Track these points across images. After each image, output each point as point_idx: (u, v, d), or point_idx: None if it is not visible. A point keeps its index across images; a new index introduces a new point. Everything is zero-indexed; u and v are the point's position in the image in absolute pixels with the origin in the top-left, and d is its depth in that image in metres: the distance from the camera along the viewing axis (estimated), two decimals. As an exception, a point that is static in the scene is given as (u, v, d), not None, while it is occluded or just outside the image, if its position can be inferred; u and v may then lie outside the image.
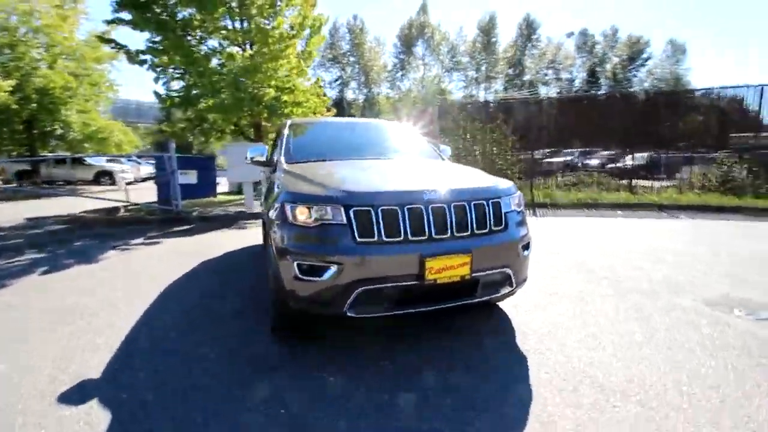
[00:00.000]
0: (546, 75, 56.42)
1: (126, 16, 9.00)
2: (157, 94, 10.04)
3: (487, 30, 53.22)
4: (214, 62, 9.89)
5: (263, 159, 3.45)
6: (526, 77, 55.55)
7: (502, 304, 3.11)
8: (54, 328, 2.93)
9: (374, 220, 2.12)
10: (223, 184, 12.88)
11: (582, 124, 12.57)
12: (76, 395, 2.09)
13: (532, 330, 2.73)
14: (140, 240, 6.29)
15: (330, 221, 2.15)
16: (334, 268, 2.07)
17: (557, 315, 2.99)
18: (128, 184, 18.88)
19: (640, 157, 11.92)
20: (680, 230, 6.45)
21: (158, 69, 9.87)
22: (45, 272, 4.44)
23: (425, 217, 2.18)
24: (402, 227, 2.14)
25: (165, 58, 9.56)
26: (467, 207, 2.29)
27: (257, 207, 9.17)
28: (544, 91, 54.24)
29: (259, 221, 8.09)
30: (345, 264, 2.07)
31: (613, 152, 13.03)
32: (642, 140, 11.58)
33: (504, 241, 2.38)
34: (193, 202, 9.69)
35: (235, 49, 10.47)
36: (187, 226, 7.50)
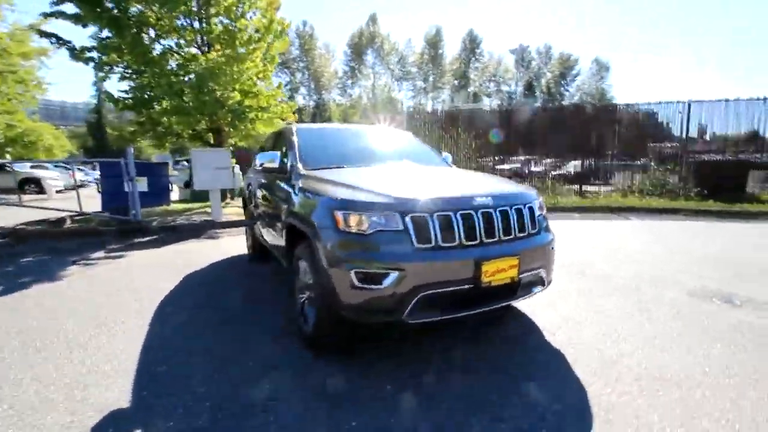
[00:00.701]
0: (488, 87, 59.75)
1: (69, 9, 8.19)
2: (108, 95, 9.20)
3: (434, 43, 55.27)
4: (172, 63, 9.29)
5: (275, 166, 3.31)
6: (471, 89, 58.41)
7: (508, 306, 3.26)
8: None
9: (431, 226, 2.15)
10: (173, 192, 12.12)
11: (525, 133, 13.56)
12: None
13: (552, 326, 2.89)
14: (101, 254, 5.72)
15: (387, 228, 2.13)
16: (395, 275, 2.06)
17: (567, 311, 3.19)
18: (58, 192, 17.02)
19: (579, 164, 13.06)
20: (634, 231, 7.13)
21: (106, 68, 9.07)
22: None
23: (476, 222, 2.25)
24: (456, 232, 2.19)
25: (114, 56, 8.82)
26: (509, 212, 2.39)
27: (225, 216, 8.73)
28: (486, 102, 57.33)
29: (233, 230, 7.74)
30: (406, 270, 2.06)
31: (553, 160, 14.09)
32: (575, 149, 12.77)
33: (541, 243, 2.51)
34: (149, 211, 8.99)
35: (193, 50, 9.93)
36: (151, 237, 6.94)
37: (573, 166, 13.34)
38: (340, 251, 2.15)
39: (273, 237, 3.56)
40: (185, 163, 16.60)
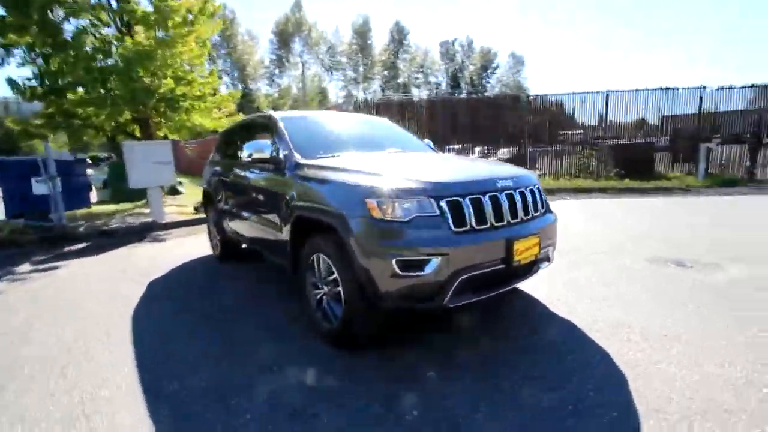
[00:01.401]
0: (417, 78, 61.16)
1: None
2: (11, 82, 7.76)
3: (362, 32, 54.98)
4: (89, 47, 8.11)
5: (266, 156, 3.06)
6: (400, 80, 59.33)
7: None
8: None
9: (465, 209, 2.16)
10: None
11: (451, 122, 14.25)
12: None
13: (547, 299, 3.10)
14: (27, 267, 4.90)
15: (424, 214, 2.10)
16: (437, 260, 2.04)
17: (552, 285, 3.43)
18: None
19: (507, 151, 14.05)
20: (573, 209, 7.85)
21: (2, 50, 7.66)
22: None
23: (502, 203, 2.31)
24: (487, 215, 2.23)
25: (14, 37, 7.48)
26: (526, 192, 2.49)
27: (168, 216, 7.95)
28: (415, 93, 58.76)
29: (181, 231, 7.07)
30: (448, 255, 2.05)
31: (484, 147, 14.94)
32: (505, 137, 13.76)
33: (551, 222, 2.67)
34: (68, 215, 7.85)
35: (111, 32, 8.78)
36: (83, 245, 6.09)
37: (503, 153, 14.25)
38: (379, 240, 2.08)
39: (262, 232, 3.32)
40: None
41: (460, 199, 2.16)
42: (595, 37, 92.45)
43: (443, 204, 2.13)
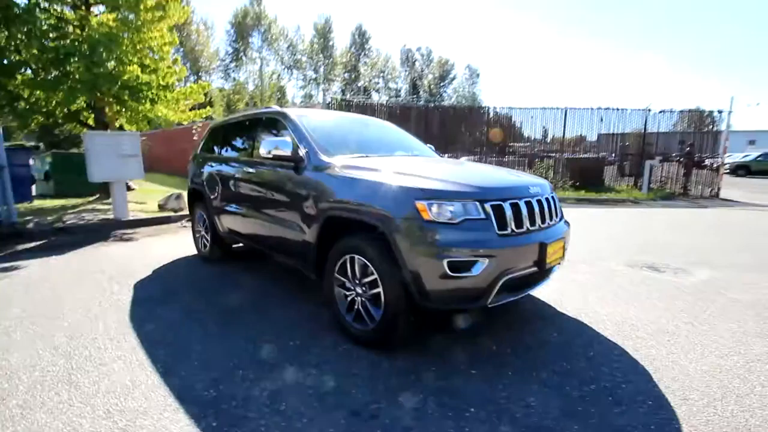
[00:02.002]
0: (377, 83, 61.68)
1: None
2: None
3: (324, 33, 54.49)
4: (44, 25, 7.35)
5: (287, 153, 2.98)
6: (361, 83, 59.48)
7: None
8: (31, 400, 1.95)
9: (507, 213, 2.27)
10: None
11: (425, 129, 14.62)
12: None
13: (553, 300, 3.31)
14: (-23, 267, 4.35)
15: (472, 217, 2.17)
16: (485, 262, 2.12)
17: (553, 286, 3.66)
18: None
19: (466, 159, 14.63)
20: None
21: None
22: None
23: (534, 208, 2.45)
24: (523, 219, 2.35)
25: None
26: (549, 199, 2.66)
27: (132, 213, 7.40)
28: (375, 97, 59.19)
29: (149, 230, 6.59)
30: (495, 257, 2.15)
31: (451, 155, 15.42)
32: (460, 145, 14.36)
33: (568, 227, 2.86)
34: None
35: (66, 10, 8.03)
36: (39, 243, 5.52)
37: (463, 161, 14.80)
38: (431, 241, 2.12)
39: (275, 232, 3.23)
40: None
41: (503, 203, 2.27)
42: (545, 53, 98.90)
43: (488, 207, 2.22)
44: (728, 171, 18.99)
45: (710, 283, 3.79)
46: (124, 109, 8.80)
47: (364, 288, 2.46)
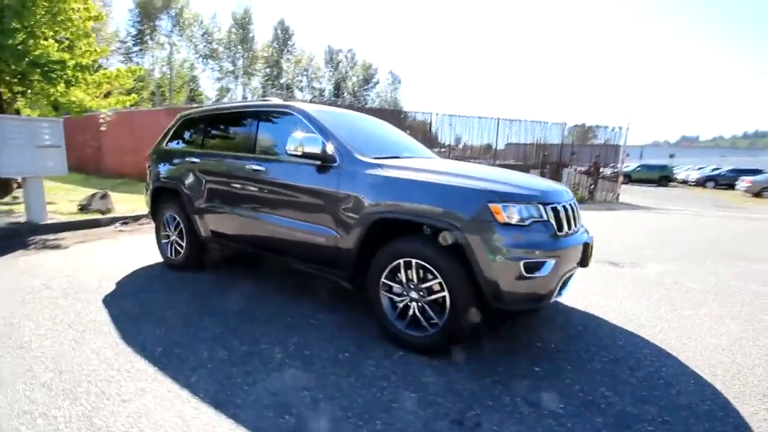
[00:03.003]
0: (301, 81, 60.13)
1: None
2: None
3: (243, 24, 51.41)
4: None
5: (316, 152, 2.75)
6: (284, 80, 57.40)
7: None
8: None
9: (561, 215, 2.39)
10: None
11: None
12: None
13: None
14: None
15: (538, 219, 2.25)
16: (552, 263, 2.21)
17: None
18: None
19: None
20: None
21: None
22: None
23: (574, 211, 2.62)
24: (566, 221, 2.49)
25: None
26: (574, 203, 2.87)
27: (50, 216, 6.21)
28: (299, 95, 57.63)
29: (77, 234, 5.58)
30: (560, 257, 2.25)
31: None
32: None
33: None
34: None
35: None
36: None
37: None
38: (507, 243, 2.15)
39: (295, 236, 2.98)
40: None
41: (558, 206, 2.39)
42: (466, 64, 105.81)
43: (549, 210, 2.32)
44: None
45: (664, 275, 4.43)
46: (29, 91, 7.32)
47: (421, 293, 2.40)
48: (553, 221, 2.32)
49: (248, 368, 2.24)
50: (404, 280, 2.45)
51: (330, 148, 2.81)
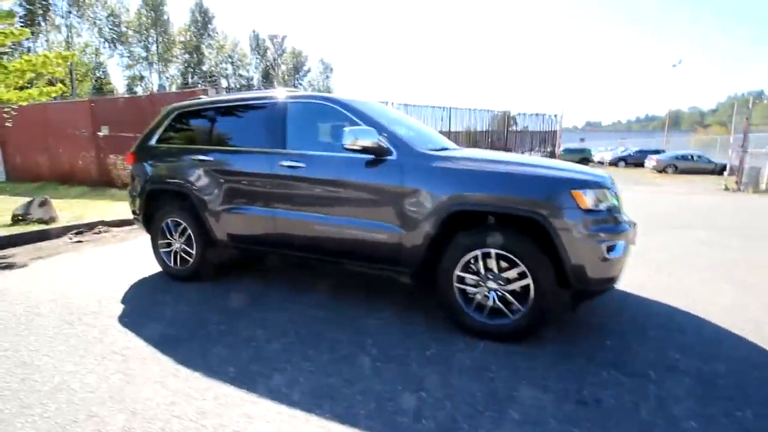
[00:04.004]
0: (226, 69, 56.28)
1: None
2: None
3: (155, 5, 46.47)
4: None
5: (372, 145, 2.62)
6: (206, 66, 53.27)
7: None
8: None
9: (619, 200, 2.59)
10: None
11: None
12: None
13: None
14: None
15: (610, 204, 2.40)
16: (623, 244, 2.38)
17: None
18: None
19: None
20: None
21: None
22: None
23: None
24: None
25: None
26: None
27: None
28: (225, 84, 53.95)
29: (26, 249, 4.75)
30: (627, 239, 2.44)
31: None
32: None
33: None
34: None
35: None
36: None
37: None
38: (591, 228, 2.27)
39: (347, 234, 2.84)
40: None
41: (615, 191, 2.57)
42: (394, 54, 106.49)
43: (613, 195, 2.49)
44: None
45: (650, 250, 4.96)
46: None
47: (500, 282, 2.44)
48: (617, 205, 2.49)
49: (344, 376, 2.13)
50: (482, 270, 2.48)
51: (384, 142, 2.72)
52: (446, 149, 3.04)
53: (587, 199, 2.30)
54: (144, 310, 3.05)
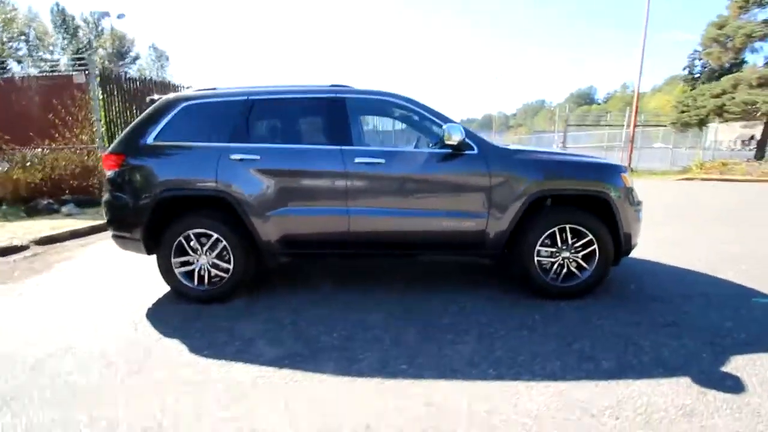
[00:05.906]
0: (19, 49, 43.63)
1: None
2: None
3: None
4: None
5: (458, 141, 2.84)
6: (-14, 45, 40.19)
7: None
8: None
9: (623, 178, 3.48)
10: None
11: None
12: None
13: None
14: None
15: (631, 182, 3.22)
16: (642, 213, 3.24)
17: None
18: None
19: None
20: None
21: None
22: None
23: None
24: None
25: None
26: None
27: None
28: (18, 69, 41.82)
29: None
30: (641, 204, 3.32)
31: None
32: None
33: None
34: None
35: None
36: None
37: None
38: (633, 202, 3.05)
39: (434, 226, 3.02)
40: None
41: (625, 174, 3.45)
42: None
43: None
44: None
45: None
46: None
47: (572, 251, 3.02)
48: (631, 183, 3.36)
49: (495, 347, 2.37)
50: (559, 243, 3.01)
51: (457, 137, 2.97)
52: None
53: (628, 179, 3.07)
54: (214, 341, 2.58)
